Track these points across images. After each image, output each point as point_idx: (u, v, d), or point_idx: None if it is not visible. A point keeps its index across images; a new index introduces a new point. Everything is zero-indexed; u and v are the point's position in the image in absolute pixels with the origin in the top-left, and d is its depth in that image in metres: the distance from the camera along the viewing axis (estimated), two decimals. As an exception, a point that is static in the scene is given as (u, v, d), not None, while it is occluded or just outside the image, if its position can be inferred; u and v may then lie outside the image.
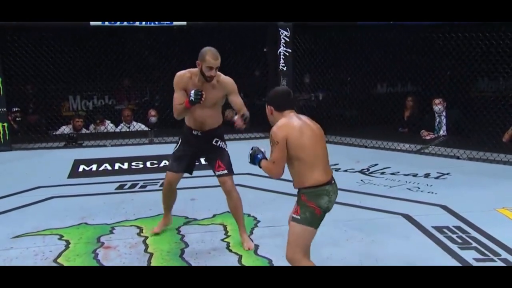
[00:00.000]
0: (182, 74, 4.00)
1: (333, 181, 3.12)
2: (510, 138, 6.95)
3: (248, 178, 5.64)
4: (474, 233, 4.41)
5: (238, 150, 4.14)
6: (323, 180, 3.03)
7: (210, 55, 3.76)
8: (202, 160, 4.83)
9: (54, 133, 8.31)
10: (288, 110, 3.11)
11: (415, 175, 6.07)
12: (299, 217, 3.03)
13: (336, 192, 3.16)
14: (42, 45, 7.81)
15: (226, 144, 4.22)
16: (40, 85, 8.33)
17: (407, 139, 7.46)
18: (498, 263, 3.90)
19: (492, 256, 4.00)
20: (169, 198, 4.35)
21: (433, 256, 4.06)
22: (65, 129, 8.32)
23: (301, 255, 3.06)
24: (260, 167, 3.20)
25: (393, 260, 3.95)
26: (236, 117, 3.99)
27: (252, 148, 3.31)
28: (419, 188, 5.64)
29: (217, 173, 4.11)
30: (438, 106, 7.43)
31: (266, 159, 3.19)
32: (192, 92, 3.80)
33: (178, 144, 4.23)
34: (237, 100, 4.08)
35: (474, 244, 4.21)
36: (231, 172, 4.14)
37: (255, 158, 3.24)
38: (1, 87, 7.45)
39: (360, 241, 4.30)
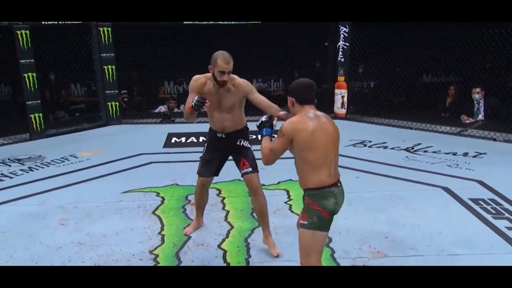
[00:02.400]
0: (197, 78, 3.39)
1: (339, 184, 2.59)
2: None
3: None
4: (506, 205, 4.22)
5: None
6: (328, 182, 2.52)
7: (221, 59, 3.17)
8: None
9: (153, 111, 8.59)
10: (308, 104, 2.56)
11: (454, 154, 5.84)
12: (306, 223, 2.53)
13: (343, 195, 2.61)
14: (146, 40, 8.06)
15: (250, 144, 3.58)
16: (143, 72, 8.61)
17: (449, 123, 7.19)
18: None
19: (522, 226, 3.82)
20: (202, 199, 3.81)
21: (469, 224, 3.92)
22: (161, 108, 8.58)
23: (316, 261, 2.57)
24: (260, 140, 2.75)
25: (433, 225, 3.85)
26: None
27: (268, 116, 2.83)
28: (458, 165, 5.42)
29: (242, 171, 3.50)
30: (478, 94, 7.11)
31: (272, 137, 2.73)
32: (195, 98, 3.18)
33: (205, 148, 3.64)
34: (259, 98, 3.36)
35: (507, 215, 4.02)
36: (256, 170, 3.51)
37: (263, 129, 2.78)
38: (115, 73, 7.79)
39: (404, 209, 4.21)
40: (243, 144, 3.53)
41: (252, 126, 3.18)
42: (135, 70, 8.49)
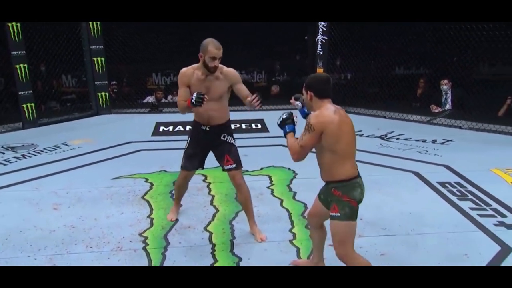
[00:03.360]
0: (185, 71, 3.27)
1: (359, 174, 2.59)
2: (504, 112, 6.66)
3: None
4: (470, 188, 4.30)
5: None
6: (354, 173, 2.52)
7: (212, 45, 3.09)
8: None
9: (142, 101, 8.49)
10: (327, 98, 2.50)
11: (424, 141, 5.92)
12: (339, 215, 2.46)
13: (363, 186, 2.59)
14: (134, 33, 7.94)
15: (234, 139, 3.46)
16: (131, 64, 8.50)
17: (419, 112, 7.27)
18: (488, 211, 3.80)
19: (484, 206, 3.91)
20: (182, 190, 3.74)
21: (436, 205, 3.99)
22: (149, 99, 8.49)
23: (353, 250, 2.52)
24: (285, 137, 2.65)
25: (404, 207, 3.91)
26: (249, 99, 3.16)
27: (288, 113, 2.68)
28: (427, 151, 5.50)
29: (226, 167, 3.38)
30: (445, 85, 7.19)
31: (294, 132, 2.64)
32: (195, 94, 3.06)
33: (188, 142, 3.51)
34: (242, 88, 3.30)
35: (470, 197, 4.11)
36: (239, 166, 3.41)
37: (285, 126, 2.65)
38: (104, 65, 7.68)
39: (378, 192, 4.26)
40: (227, 139, 3.40)
41: (234, 115, 3.19)
42: (124, 62, 8.37)
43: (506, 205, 3.88)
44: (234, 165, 3.38)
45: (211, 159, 4.88)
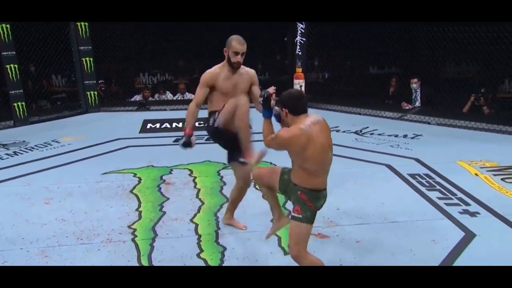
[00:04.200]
0: (212, 72, 3.13)
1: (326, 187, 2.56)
2: (468, 109, 6.79)
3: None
4: (438, 179, 4.38)
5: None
6: (322, 187, 2.51)
7: (236, 40, 3.04)
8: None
9: (129, 100, 8.39)
10: (303, 114, 2.43)
11: (396, 136, 6.00)
12: (301, 216, 2.46)
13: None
14: (121, 34, 7.83)
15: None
16: (119, 64, 8.41)
17: (391, 109, 7.33)
18: (454, 200, 3.88)
19: (450, 196, 3.99)
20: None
21: (407, 195, 4.06)
22: (137, 97, 8.40)
23: (306, 251, 2.52)
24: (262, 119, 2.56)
25: (377, 198, 3.97)
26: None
27: (265, 98, 2.55)
28: (398, 145, 5.58)
29: (242, 159, 3.18)
30: (415, 84, 7.29)
31: (270, 117, 2.54)
32: (183, 139, 3.13)
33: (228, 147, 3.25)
34: (257, 89, 3.23)
35: (438, 187, 4.18)
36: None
37: (265, 110, 2.56)
38: (92, 65, 7.56)
39: (354, 184, 4.31)
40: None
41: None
42: (112, 62, 8.27)
43: (470, 195, 3.97)
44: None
45: (195, 154, 4.88)
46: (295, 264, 2.88)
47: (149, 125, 6.83)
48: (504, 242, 3.19)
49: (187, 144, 3.14)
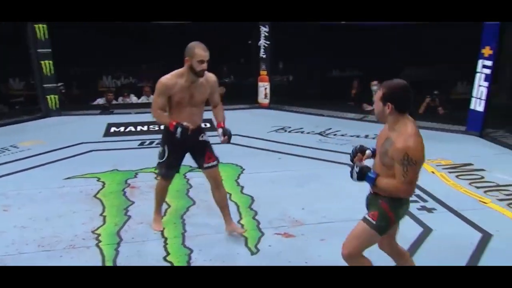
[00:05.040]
0: (166, 82, 2.95)
1: None
2: (424, 110, 7.06)
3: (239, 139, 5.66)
4: (398, 178, 4.51)
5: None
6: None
7: (199, 48, 2.85)
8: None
9: (92, 103, 8.18)
10: (408, 112, 2.09)
11: (358, 136, 6.12)
12: (374, 223, 2.20)
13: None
14: (84, 37, 7.62)
15: (207, 135, 3.27)
16: (81, 67, 8.19)
17: (353, 110, 7.49)
18: (412, 197, 3.97)
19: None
20: (163, 196, 3.43)
21: (366, 188, 4.14)
22: (100, 101, 8.20)
23: (360, 254, 2.29)
24: (375, 185, 2.21)
25: (340, 197, 4.04)
26: (220, 134, 3.09)
27: (356, 166, 2.25)
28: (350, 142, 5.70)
29: (207, 164, 3.14)
30: (375, 86, 7.50)
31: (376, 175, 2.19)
32: (178, 130, 2.86)
33: (166, 151, 3.15)
34: (216, 96, 3.16)
35: (398, 185, 4.31)
36: (218, 161, 3.24)
37: (367, 177, 2.22)
38: (52, 68, 7.31)
39: (318, 183, 4.38)
40: (204, 138, 3.18)
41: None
42: (74, 65, 8.04)
43: (427, 192, 4.12)
44: (215, 162, 3.18)
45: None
46: (263, 263, 2.90)
47: (113, 129, 6.68)
48: (458, 236, 3.34)
49: (184, 130, 2.88)
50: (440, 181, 4.43)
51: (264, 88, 7.99)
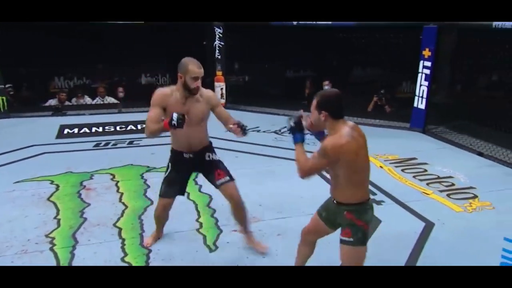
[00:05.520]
0: (163, 90, 2.76)
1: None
2: (372, 108, 7.31)
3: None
4: (349, 173, 4.65)
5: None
6: (367, 196, 2.23)
7: (193, 64, 2.67)
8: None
9: (44, 105, 7.82)
10: (342, 119, 2.16)
11: (311, 134, 6.24)
12: (352, 240, 2.16)
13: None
14: (35, 38, 7.27)
15: (217, 155, 3.03)
16: (32, 68, 7.80)
17: (307, 109, 7.59)
18: (364, 192, 4.16)
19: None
20: (164, 219, 3.13)
21: (322, 189, 4.21)
22: (52, 102, 7.86)
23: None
24: (295, 147, 2.32)
25: (295, 192, 4.09)
26: (232, 126, 2.79)
27: (296, 118, 2.35)
28: (314, 143, 5.76)
29: (219, 181, 2.90)
30: (327, 86, 7.67)
31: (303, 141, 2.33)
32: (175, 115, 2.56)
33: (169, 169, 2.94)
34: (222, 110, 2.94)
35: (349, 180, 4.44)
36: (232, 178, 2.95)
37: (295, 134, 2.35)
38: (-2, 69, 6.92)
39: (274, 181, 4.44)
40: (212, 158, 2.94)
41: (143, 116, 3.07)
42: (23, 66, 7.65)
43: (375, 185, 4.28)
44: (227, 177, 2.92)
45: (118, 158, 4.70)
46: (221, 260, 2.91)
47: (66, 130, 6.43)
48: (404, 226, 3.50)
49: (180, 116, 2.57)
50: (388, 175, 4.62)
51: (220, 88, 7.98)
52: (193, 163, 2.90)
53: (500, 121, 5.30)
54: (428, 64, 5.96)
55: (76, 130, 6.44)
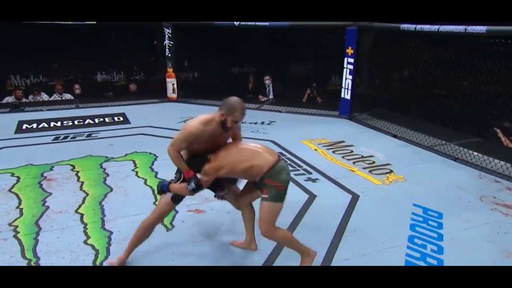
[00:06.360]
0: (200, 129, 2.45)
1: (281, 158, 2.47)
2: (306, 99, 7.49)
3: (151, 130, 5.47)
4: (289, 155, 4.76)
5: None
6: (273, 159, 2.36)
7: (240, 111, 2.47)
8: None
9: (0, 102, 7.23)
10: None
11: (255, 123, 6.29)
12: (267, 196, 2.34)
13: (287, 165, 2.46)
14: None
15: None
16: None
17: (251, 101, 7.59)
18: (300, 171, 4.28)
19: (298, 168, 4.37)
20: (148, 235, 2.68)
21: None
22: (9, 99, 7.28)
23: (273, 227, 2.40)
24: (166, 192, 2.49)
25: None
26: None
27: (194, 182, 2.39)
28: (258, 130, 5.88)
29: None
30: (268, 80, 7.77)
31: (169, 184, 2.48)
32: (192, 184, 2.40)
33: (181, 180, 2.56)
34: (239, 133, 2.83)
35: (289, 162, 4.54)
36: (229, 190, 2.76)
37: (162, 187, 2.50)
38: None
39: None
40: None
41: (98, 111, 2.94)
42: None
43: (311, 165, 4.43)
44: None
45: (77, 150, 4.49)
46: (177, 238, 2.90)
47: (25, 126, 6.00)
48: (336, 199, 3.67)
49: (197, 185, 2.42)
50: (321, 156, 4.79)
51: (171, 83, 7.80)
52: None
53: (410, 108, 5.64)
54: (351, 60, 6.20)
55: (34, 125, 6.02)
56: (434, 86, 5.56)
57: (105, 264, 2.64)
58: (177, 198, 2.59)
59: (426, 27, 4.79)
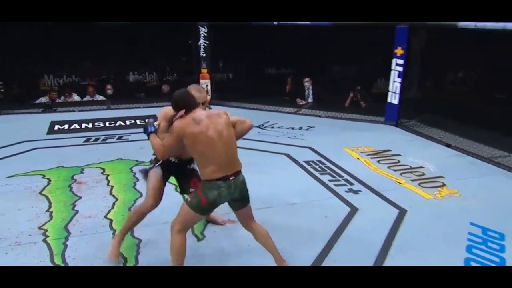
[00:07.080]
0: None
1: (231, 178, 2.39)
2: (349, 103, 7.38)
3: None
4: (328, 164, 4.70)
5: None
6: (215, 176, 2.34)
7: (195, 89, 2.63)
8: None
9: (34, 102, 7.64)
10: (194, 108, 2.39)
11: (293, 128, 6.27)
12: (188, 200, 2.46)
13: (233, 188, 2.41)
14: (27, 37, 7.08)
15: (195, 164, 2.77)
16: (23, 66, 7.62)
17: (288, 105, 7.63)
18: (341, 181, 4.20)
19: (338, 178, 4.30)
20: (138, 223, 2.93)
21: (303, 179, 4.29)
22: (42, 99, 7.69)
23: (179, 228, 2.43)
24: (148, 138, 2.52)
25: (278, 183, 4.13)
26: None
27: (145, 120, 2.57)
28: (295, 136, 5.86)
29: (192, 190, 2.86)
30: (307, 82, 7.72)
31: (156, 133, 2.53)
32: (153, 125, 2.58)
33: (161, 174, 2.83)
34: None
35: (328, 171, 4.49)
36: None
37: (146, 129, 2.54)
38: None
39: (258, 172, 4.41)
40: (193, 167, 2.90)
41: (130, 112, 3.02)
42: (14, 64, 7.46)
43: (353, 176, 4.34)
44: None
45: (108, 153, 4.64)
46: (209, 252, 2.90)
47: (57, 127, 6.30)
48: (380, 213, 3.56)
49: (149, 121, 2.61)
50: (364, 166, 4.67)
51: (205, 85, 7.92)
52: (175, 168, 2.89)
53: (466, 114, 5.40)
54: (401, 62, 6.03)
55: (66, 126, 6.32)
56: (495, 90, 5.30)
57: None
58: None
59: (489, 25, 4.57)
